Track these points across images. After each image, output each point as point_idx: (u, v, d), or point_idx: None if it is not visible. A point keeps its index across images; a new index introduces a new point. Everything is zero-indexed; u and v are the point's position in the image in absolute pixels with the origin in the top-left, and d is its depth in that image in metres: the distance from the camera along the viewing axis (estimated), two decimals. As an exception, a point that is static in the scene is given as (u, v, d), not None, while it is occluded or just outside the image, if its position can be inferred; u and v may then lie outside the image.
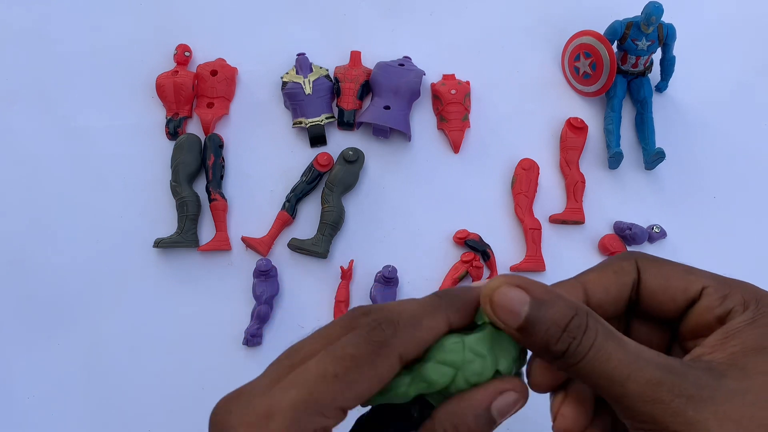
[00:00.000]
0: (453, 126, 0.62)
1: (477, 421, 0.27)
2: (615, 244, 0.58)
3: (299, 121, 0.61)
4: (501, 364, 0.28)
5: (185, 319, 0.57)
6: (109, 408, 0.55)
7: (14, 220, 0.59)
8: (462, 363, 0.28)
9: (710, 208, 0.62)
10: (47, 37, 0.65)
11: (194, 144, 0.60)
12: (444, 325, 0.28)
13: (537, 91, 0.65)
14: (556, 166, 0.62)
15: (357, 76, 0.62)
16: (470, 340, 0.28)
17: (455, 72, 0.64)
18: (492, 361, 0.28)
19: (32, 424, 0.55)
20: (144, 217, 0.59)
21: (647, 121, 0.62)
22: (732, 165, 0.63)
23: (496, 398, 0.27)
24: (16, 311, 0.57)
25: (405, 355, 0.27)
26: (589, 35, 0.61)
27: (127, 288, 0.58)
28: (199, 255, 0.58)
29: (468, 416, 0.27)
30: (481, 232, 0.59)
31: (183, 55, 0.63)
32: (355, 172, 0.60)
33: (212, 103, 0.62)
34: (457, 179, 0.61)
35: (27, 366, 0.56)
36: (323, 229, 0.58)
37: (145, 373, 0.56)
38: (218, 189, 0.59)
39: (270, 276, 0.56)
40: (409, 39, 0.66)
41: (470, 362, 0.28)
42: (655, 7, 0.57)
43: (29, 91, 0.63)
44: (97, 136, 0.62)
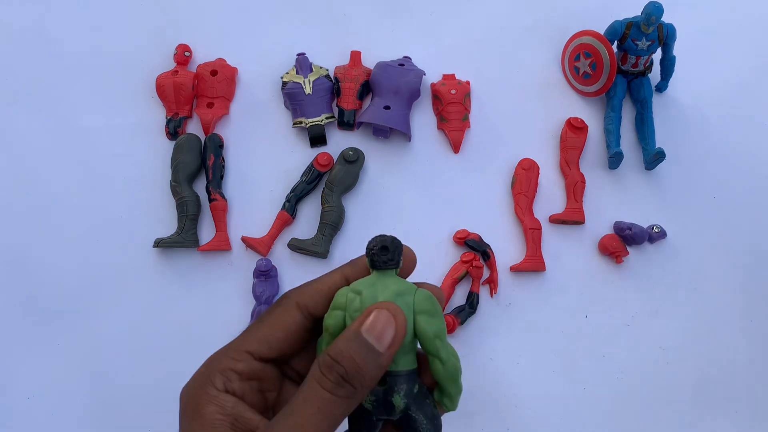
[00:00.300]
0: (453, 126, 0.62)
1: (346, 343, 0.28)
2: (615, 244, 0.58)
3: (299, 121, 0.61)
4: (380, 298, 0.30)
5: (185, 319, 0.57)
6: (109, 408, 0.55)
7: (14, 220, 0.59)
8: (346, 304, 0.30)
9: (710, 208, 0.62)
10: (47, 37, 0.65)
11: (194, 144, 0.60)
12: (339, 276, 0.32)
13: (537, 91, 0.65)
14: (556, 166, 0.62)
15: (357, 76, 0.62)
16: (354, 284, 0.31)
17: (455, 72, 0.64)
18: (369, 296, 0.30)
19: (32, 424, 0.55)
20: (144, 217, 0.59)
21: (647, 121, 0.62)
22: (732, 165, 0.63)
23: (364, 321, 0.29)
24: (16, 311, 0.57)
25: (302, 302, 0.31)
26: (589, 35, 0.61)
27: (127, 288, 0.58)
28: (199, 255, 0.58)
29: (338, 341, 0.28)
30: (481, 232, 0.59)
31: (183, 55, 0.63)
32: (355, 172, 0.60)
33: (212, 103, 0.62)
34: (457, 179, 0.61)
35: (27, 366, 0.56)
36: (323, 229, 0.58)
37: (145, 372, 0.56)
38: (218, 189, 0.59)
39: (270, 276, 0.56)
40: (409, 39, 0.66)
41: (351, 301, 0.30)
42: (655, 7, 0.57)
43: (29, 91, 0.63)
44: (97, 136, 0.62)
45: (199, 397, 0.29)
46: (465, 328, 0.57)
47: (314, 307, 0.32)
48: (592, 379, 0.57)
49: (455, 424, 0.55)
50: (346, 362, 0.28)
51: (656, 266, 0.60)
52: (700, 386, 0.57)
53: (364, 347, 0.28)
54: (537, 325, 0.58)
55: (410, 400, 0.30)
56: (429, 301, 0.31)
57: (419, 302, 0.30)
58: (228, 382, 0.30)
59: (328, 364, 0.28)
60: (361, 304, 0.30)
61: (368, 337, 0.28)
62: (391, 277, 0.31)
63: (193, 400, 0.29)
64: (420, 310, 0.30)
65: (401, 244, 0.31)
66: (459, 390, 0.32)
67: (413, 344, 0.31)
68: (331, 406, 0.28)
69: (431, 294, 0.31)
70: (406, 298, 0.30)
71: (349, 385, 0.28)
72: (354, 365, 0.28)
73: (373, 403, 0.30)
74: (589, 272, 0.59)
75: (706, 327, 0.59)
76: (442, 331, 0.31)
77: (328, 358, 0.28)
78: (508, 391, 0.56)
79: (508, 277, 0.59)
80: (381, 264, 0.31)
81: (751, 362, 0.58)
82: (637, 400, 0.57)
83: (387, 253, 0.30)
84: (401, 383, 0.30)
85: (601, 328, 0.58)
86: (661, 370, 0.57)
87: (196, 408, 0.29)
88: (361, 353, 0.28)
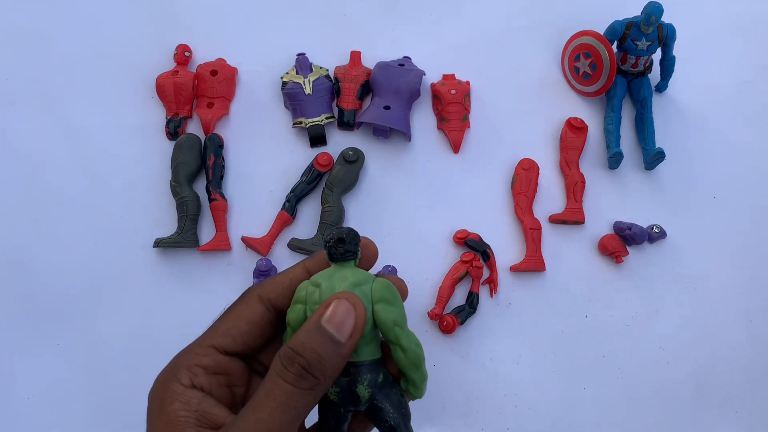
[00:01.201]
0: (453, 126, 0.62)
1: (308, 336, 0.28)
2: (615, 244, 0.58)
3: (299, 121, 0.61)
4: (338, 290, 0.29)
5: (185, 319, 0.57)
6: (109, 408, 0.55)
7: (14, 220, 0.59)
8: (306, 297, 0.30)
9: (710, 208, 0.62)
10: (47, 37, 0.65)
11: (194, 144, 0.60)
12: (301, 270, 0.32)
13: (537, 91, 0.65)
14: (556, 166, 0.62)
15: (357, 76, 0.62)
16: (313, 277, 0.31)
17: (455, 72, 0.64)
18: (328, 288, 0.30)
19: (32, 424, 0.55)
20: (144, 217, 0.59)
21: (647, 121, 0.62)
22: (732, 165, 0.63)
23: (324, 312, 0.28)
24: (16, 311, 0.57)
25: (264, 295, 0.31)
26: (589, 35, 0.61)
27: (127, 288, 0.58)
28: (199, 255, 0.58)
29: (299, 334, 0.28)
30: (481, 232, 0.59)
31: (183, 55, 0.63)
32: (355, 172, 0.60)
33: (212, 103, 0.62)
34: (457, 179, 0.61)
35: (27, 366, 0.56)
36: (323, 229, 0.58)
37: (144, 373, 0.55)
38: (218, 189, 0.59)
39: (270, 276, 0.56)
40: (409, 39, 0.66)
41: (311, 294, 0.30)
42: (655, 7, 0.57)
43: (29, 91, 0.63)
44: (97, 136, 0.62)
45: (164, 394, 0.29)
46: (465, 328, 0.57)
47: (276, 300, 0.32)
48: (592, 379, 0.57)
49: (455, 424, 0.55)
50: (307, 354, 0.28)
51: (656, 266, 0.60)
52: (700, 386, 0.57)
53: (325, 338, 0.28)
54: (537, 325, 0.58)
55: (375, 390, 0.30)
56: (387, 289, 0.30)
57: (377, 291, 0.30)
58: (194, 377, 0.30)
59: (289, 357, 0.28)
60: (320, 296, 0.30)
61: (328, 327, 0.28)
62: (350, 269, 0.31)
63: (158, 398, 0.29)
64: (378, 298, 0.30)
65: (358, 235, 0.31)
66: (423, 377, 0.32)
67: (375, 334, 0.31)
68: (294, 399, 0.27)
69: (389, 282, 0.31)
70: (364, 288, 0.30)
71: (312, 377, 0.28)
72: (315, 356, 0.28)
73: (338, 394, 0.30)
74: (589, 272, 0.59)
75: (706, 327, 0.59)
76: (401, 319, 0.30)
77: (289, 351, 0.28)
78: (508, 391, 0.56)
79: (508, 277, 0.59)
80: (338, 256, 0.31)
81: (751, 362, 0.58)
82: (637, 400, 0.57)
83: (343, 245, 0.30)
84: (365, 373, 0.30)
85: (601, 328, 0.58)
86: (661, 370, 0.57)
87: (161, 405, 0.29)
88: (322, 344, 0.28)
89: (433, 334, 0.57)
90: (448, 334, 0.57)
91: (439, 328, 0.57)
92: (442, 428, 0.55)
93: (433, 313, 0.56)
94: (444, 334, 0.57)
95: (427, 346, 0.57)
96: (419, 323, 0.57)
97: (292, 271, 0.33)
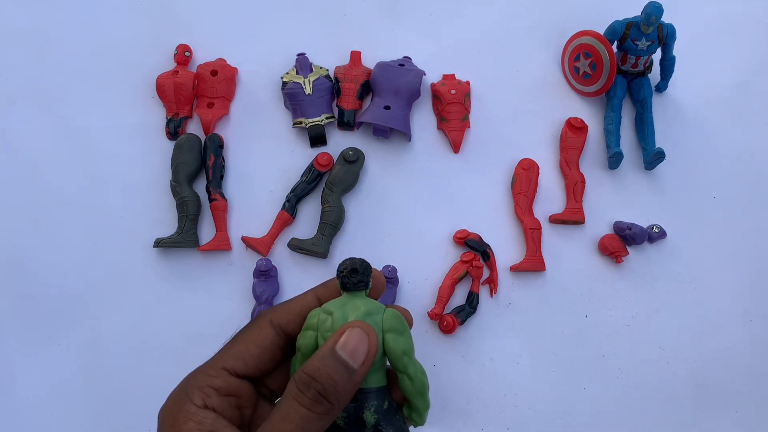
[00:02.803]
0: (453, 126, 0.62)
1: (322, 361, 0.29)
2: (615, 244, 0.58)
3: (299, 121, 0.61)
4: (350, 318, 0.31)
5: (185, 319, 0.57)
6: (109, 408, 0.55)
7: (15, 220, 0.59)
8: (318, 324, 0.31)
9: (710, 208, 0.62)
10: (47, 37, 0.65)
11: (194, 144, 0.60)
12: (311, 297, 0.33)
13: (537, 91, 0.65)
14: (556, 166, 0.62)
15: (357, 76, 0.62)
16: (325, 305, 0.32)
17: (455, 72, 0.64)
18: (340, 317, 0.31)
19: (32, 424, 0.55)
20: (144, 217, 0.59)
21: (647, 121, 0.62)
22: (732, 165, 0.63)
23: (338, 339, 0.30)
24: (16, 311, 0.57)
25: (276, 320, 0.32)
26: (589, 35, 0.61)
27: (127, 288, 0.58)
28: (199, 255, 0.58)
29: (314, 359, 0.29)
30: (481, 232, 0.59)
31: (183, 55, 0.63)
32: (355, 172, 0.60)
33: (212, 103, 0.62)
34: (457, 179, 0.61)
35: (27, 366, 0.56)
36: (323, 229, 0.58)
37: (144, 372, 0.56)
38: (218, 189, 0.59)
39: (270, 276, 0.56)
40: (409, 39, 0.66)
41: (323, 321, 0.31)
42: (655, 8, 0.57)
43: (29, 91, 0.63)
44: (97, 136, 0.62)
45: (177, 413, 0.30)
46: (465, 328, 0.57)
47: (287, 325, 0.33)
48: (592, 379, 0.57)
49: (456, 424, 0.55)
50: (323, 379, 0.29)
51: (656, 266, 0.60)
52: (700, 386, 0.57)
53: (340, 364, 0.29)
54: (537, 325, 0.58)
55: (380, 416, 0.31)
56: (397, 319, 0.32)
57: (387, 321, 0.31)
58: (207, 398, 0.30)
59: (305, 382, 0.29)
60: (332, 324, 0.31)
61: (342, 354, 0.29)
62: (361, 298, 0.32)
63: (171, 417, 0.30)
64: (388, 328, 0.31)
65: (370, 266, 0.33)
66: (427, 405, 0.33)
67: (383, 362, 0.32)
68: (309, 423, 0.28)
69: (399, 313, 0.32)
70: (375, 318, 0.31)
71: (326, 402, 0.29)
72: (330, 382, 0.29)
73: (344, 419, 0.31)
74: (589, 272, 0.59)
75: (706, 327, 0.59)
76: (409, 349, 0.32)
77: (305, 376, 0.29)
78: (508, 391, 0.56)
79: (508, 277, 0.59)
80: (351, 286, 0.32)
81: (751, 362, 0.58)
82: (637, 400, 0.57)
83: (356, 275, 0.32)
84: (372, 399, 0.31)
85: (601, 328, 0.58)
86: (661, 369, 0.57)
87: (174, 424, 0.29)
88: (336, 370, 0.29)
89: (433, 334, 0.57)
90: (448, 334, 0.57)
91: (439, 328, 0.57)
92: (442, 428, 0.55)
93: (433, 313, 0.56)
94: (444, 334, 0.57)
95: (427, 346, 0.57)
96: (419, 323, 0.57)
97: (303, 298, 0.34)
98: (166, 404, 0.31)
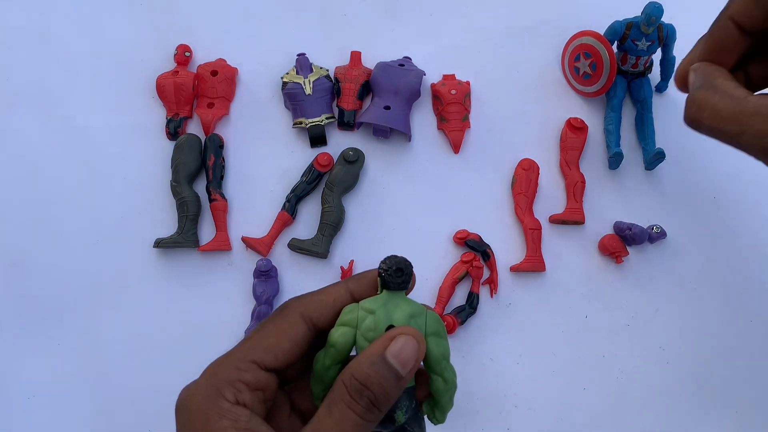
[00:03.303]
0: (453, 126, 0.62)
1: (373, 367, 0.29)
2: (615, 244, 0.58)
3: (299, 121, 0.61)
4: (394, 319, 0.30)
5: (185, 319, 0.57)
6: (109, 408, 0.55)
7: (14, 220, 0.59)
8: (357, 322, 0.30)
9: (710, 208, 0.62)
10: (47, 37, 0.65)
11: (194, 144, 0.60)
12: (344, 291, 0.32)
13: (537, 91, 0.65)
14: (556, 166, 0.62)
15: (357, 76, 0.62)
16: (363, 302, 0.31)
17: (455, 72, 0.64)
18: (383, 316, 0.30)
19: (32, 424, 0.55)
20: (144, 217, 0.59)
21: (647, 121, 0.62)
22: (732, 165, 0.63)
23: (388, 345, 0.29)
24: (16, 311, 0.57)
25: (307, 314, 0.31)
26: (589, 35, 0.61)
27: (127, 288, 0.58)
28: (199, 255, 0.58)
29: (363, 363, 0.29)
30: (481, 232, 0.59)
31: (183, 55, 0.63)
32: (355, 172, 0.60)
33: (212, 103, 0.62)
34: (457, 179, 0.61)
35: (27, 366, 0.56)
36: (323, 229, 0.58)
37: (144, 373, 0.56)
38: (218, 189, 0.59)
39: (270, 276, 0.56)
40: (409, 39, 0.66)
41: (363, 320, 0.30)
42: (656, 8, 0.57)
43: (30, 91, 0.63)
44: (97, 136, 0.62)
45: (209, 410, 0.28)
46: (465, 328, 0.57)
47: (318, 319, 0.32)
48: (592, 379, 0.57)
49: (456, 424, 0.55)
50: (375, 388, 0.28)
51: (656, 266, 0.60)
52: (700, 386, 0.57)
53: (390, 372, 0.29)
54: (537, 325, 0.58)
55: (410, 416, 0.31)
56: (438, 323, 0.32)
57: (430, 324, 0.31)
58: (238, 393, 0.29)
59: (358, 389, 0.28)
60: (374, 323, 0.30)
61: (393, 361, 0.29)
62: (402, 298, 0.31)
63: (203, 415, 0.28)
64: (432, 332, 0.31)
65: (412, 265, 0.32)
66: (452, 405, 0.33)
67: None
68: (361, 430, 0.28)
69: (439, 317, 0.32)
70: (419, 320, 0.31)
71: (377, 410, 0.29)
72: (382, 390, 0.29)
73: None
74: (589, 272, 0.59)
75: (706, 327, 0.59)
76: (448, 352, 0.32)
77: (358, 383, 0.28)
78: (508, 391, 0.56)
79: (508, 277, 0.59)
80: (395, 285, 0.31)
81: (751, 362, 0.58)
82: (637, 400, 0.57)
83: (402, 276, 0.31)
84: (404, 400, 0.31)
85: (601, 328, 0.58)
86: (661, 370, 0.57)
87: (207, 423, 0.28)
88: (387, 378, 0.29)
89: (433, 334, 0.57)
90: (448, 334, 0.57)
91: (439, 328, 0.57)
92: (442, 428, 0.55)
93: (433, 313, 0.56)
94: (444, 334, 0.57)
95: (427, 346, 0.57)
96: (419, 323, 0.57)
97: (335, 291, 0.32)
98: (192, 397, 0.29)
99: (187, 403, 0.29)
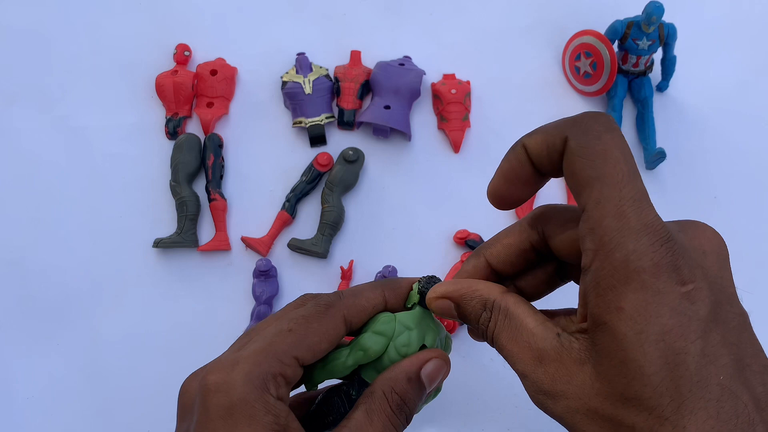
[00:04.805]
0: (453, 126, 0.62)
1: (410, 384, 0.30)
2: (615, 244, 0.58)
3: (299, 120, 0.61)
4: (427, 339, 0.32)
5: (185, 319, 0.57)
6: (109, 408, 0.55)
7: (14, 220, 0.59)
8: (393, 334, 0.32)
9: (710, 208, 0.62)
10: (47, 37, 0.65)
11: (194, 144, 0.60)
12: (380, 298, 0.33)
13: (537, 91, 0.65)
14: (557, 166, 0.62)
15: (357, 76, 0.62)
16: (401, 316, 0.32)
17: (455, 72, 0.64)
18: (418, 335, 0.32)
19: (32, 424, 0.55)
20: (144, 217, 0.59)
21: (648, 120, 0.62)
22: (732, 165, 0.63)
23: (424, 365, 0.31)
24: (16, 311, 0.57)
25: (348, 317, 0.31)
26: (590, 35, 0.61)
27: (126, 288, 0.58)
28: (199, 255, 0.58)
29: (402, 379, 0.31)
30: (481, 232, 0.59)
31: (183, 54, 0.63)
32: (355, 172, 0.60)
33: (212, 103, 0.62)
34: (457, 179, 0.61)
35: (27, 366, 0.56)
36: (323, 229, 0.58)
37: (144, 373, 0.56)
38: (218, 189, 0.59)
39: (270, 276, 0.56)
40: (409, 39, 0.66)
41: (400, 333, 0.32)
42: (656, 7, 0.57)
43: (29, 90, 0.63)
44: (96, 136, 0.62)
45: (255, 402, 0.27)
46: (465, 328, 0.57)
47: (355, 324, 0.32)
48: (592, 379, 0.57)
49: (456, 424, 0.55)
50: (410, 404, 0.31)
51: (657, 266, 0.60)
52: (701, 386, 0.57)
53: (421, 390, 0.31)
54: (537, 326, 0.58)
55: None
56: (450, 345, 0.35)
57: (447, 347, 0.34)
58: (279, 387, 0.28)
59: (399, 405, 0.30)
60: (409, 340, 0.32)
61: (426, 381, 0.31)
62: (431, 317, 0.33)
63: (248, 407, 0.27)
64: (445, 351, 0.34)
65: None
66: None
67: None
68: None
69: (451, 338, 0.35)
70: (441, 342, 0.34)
71: (407, 423, 0.31)
72: (413, 406, 0.31)
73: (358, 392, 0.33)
74: (589, 272, 0.59)
75: (706, 327, 0.58)
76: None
77: (398, 398, 0.30)
78: (508, 391, 0.56)
79: (509, 277, 0.59)
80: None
81: (752, 362, 0.58)
82: (637, 401, 0.56)
83: None
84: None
85: (602, 329, 0.58)
86: (662, 370, 0.57)
87: (253, 417, 0.27)
88: (418, 395, 0.31)
89: (433, 334, 0.57)
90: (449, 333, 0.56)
91: (439, 329, 0.56)
92: (442, 428, 0.55)
93: (433, 313, 0.56)
94: (444, 334, 0.57)
95: (427, 347, 0.57)
96: (419, 323, 0.57)
97: (373, 297, 0.33)
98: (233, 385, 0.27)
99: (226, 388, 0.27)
